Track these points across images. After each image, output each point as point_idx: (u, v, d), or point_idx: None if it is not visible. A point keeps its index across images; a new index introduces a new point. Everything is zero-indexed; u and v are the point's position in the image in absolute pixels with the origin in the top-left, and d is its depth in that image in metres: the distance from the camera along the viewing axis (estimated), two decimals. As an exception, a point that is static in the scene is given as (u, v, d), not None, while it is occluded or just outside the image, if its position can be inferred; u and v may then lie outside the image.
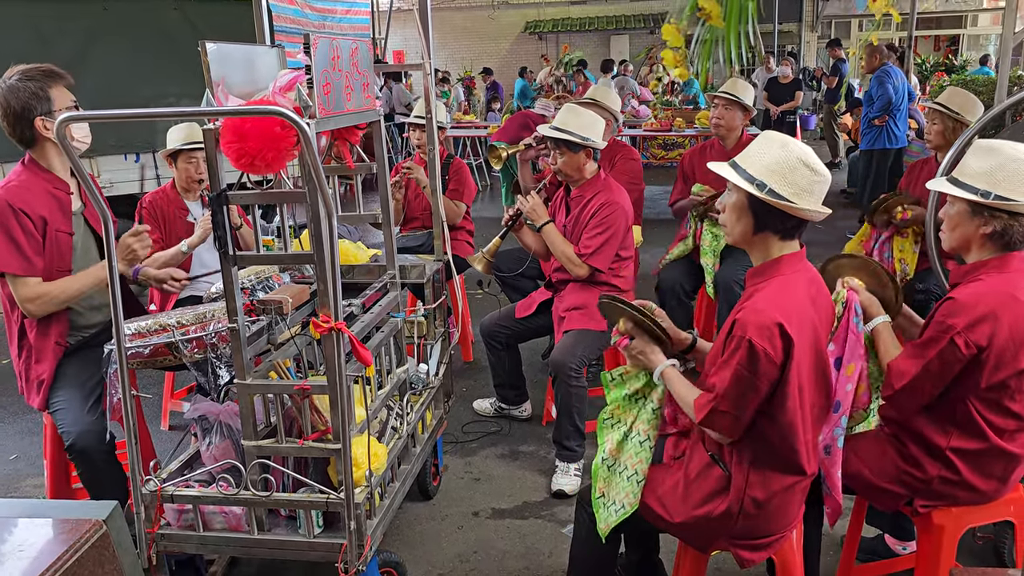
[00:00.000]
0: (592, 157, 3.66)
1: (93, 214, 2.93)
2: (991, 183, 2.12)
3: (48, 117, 2.70)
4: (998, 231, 2.15)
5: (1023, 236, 2.15)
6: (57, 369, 2.86)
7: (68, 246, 2.83)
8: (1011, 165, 2.11)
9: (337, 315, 2.20)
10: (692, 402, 2.15)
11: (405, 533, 3.23)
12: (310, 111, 2.16)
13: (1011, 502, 2.34)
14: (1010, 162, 2.11)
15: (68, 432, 2.74)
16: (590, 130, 3.60)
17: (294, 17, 9.95)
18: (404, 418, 2.86)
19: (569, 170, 3.66)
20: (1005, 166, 2.11)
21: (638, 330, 2.35)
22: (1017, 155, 2.12)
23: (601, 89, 4.91)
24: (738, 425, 2.06)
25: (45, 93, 2.69)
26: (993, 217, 2.14)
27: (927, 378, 2.18)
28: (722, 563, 2.90)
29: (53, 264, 2.78)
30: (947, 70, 15.97)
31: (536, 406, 4.28)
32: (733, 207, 2.13)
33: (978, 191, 2.14)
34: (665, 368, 2.28)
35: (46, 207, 2.75)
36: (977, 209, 2.17)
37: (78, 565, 1.14)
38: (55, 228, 2.77)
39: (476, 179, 11.05)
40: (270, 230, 3.75)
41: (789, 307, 2.00)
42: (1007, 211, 2.12)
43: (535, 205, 3.71)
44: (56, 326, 2.85)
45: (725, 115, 4.37)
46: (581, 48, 21.74)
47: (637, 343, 2.33)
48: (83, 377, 2.85)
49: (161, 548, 2.45)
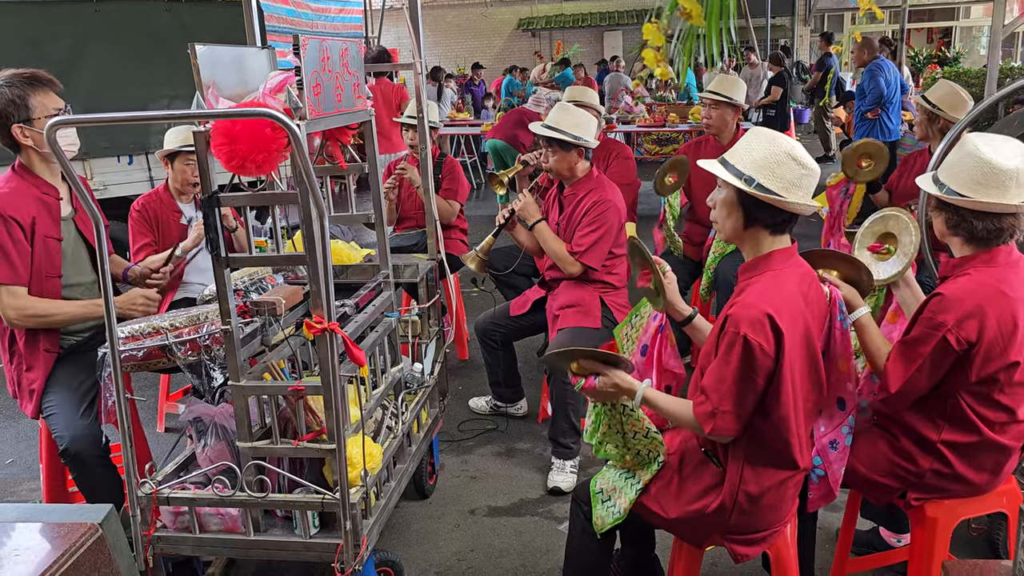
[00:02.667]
0: (584, 156, 3.67)
1: (84, 219, 2.93)
2: (948, 177, 2.18)
3: (26, 124, 2.69)
4: (951, 225, 2.19)
5: (987, 231, 2.15)
6: (50, 374, 2.86)
7: (57, 252, 2.82)
8: (966, 161, 2.14)
9: (330, 316, 2.20)
10: (690, 414, 2.11)
11: (402, 532, 3.24)
12: (300, 112, 2.16)
13: (1003, 494, 2.35)
14: (966, 157, 2.14)
15: (61, 436, 2.74)
16: (582, 129, 3.60)
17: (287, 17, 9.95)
18: (399, 417, 2.86)
19: (561, 169, 3.67)
20: (961, 161, 2.16)
21: (595, 363, 2.21)
22: (975, 151, 2.12)
23: (576, 89, 4.93)
24: (740, 423, 2.06)
25: (23, 100, 2.68)
26: (942, 210, 2.21)
27: (920, 377, 2.18)
28: (717, 558, 2.92)
29: (42, 270, 2.78)
30: (940, 62, 15.99)
31: (532, 404, 4.29)
32: (723, 203, 2.14)
33: (943, 186, 2.19)
34: (645, 391, 2.18)
35: (35, 213, 2.74)
36: (940, 204, 2.23)
37: (74, 569, 1.14)
38: (44, 234, 2.76)
39: (470, 178, 11.09)
40: (263, 231, 3.75)
41: (779, 301, 2.01)
42: (955, 205, 2.15)
43: (527, 204, 3.71)
44: (45, 334, 2.85)
45: (714, 114, 4.40)
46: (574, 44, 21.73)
47: (604, 379, 2.18)
48: (76, 381, 2.85)
49: (157, 550, 2.45)
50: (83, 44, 5.89)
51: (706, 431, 2.08)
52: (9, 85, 2.67)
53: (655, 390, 2.24)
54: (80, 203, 2.94)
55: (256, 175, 2.21)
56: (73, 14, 5.85)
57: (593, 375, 2.20)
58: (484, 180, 12.28)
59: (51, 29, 5.75)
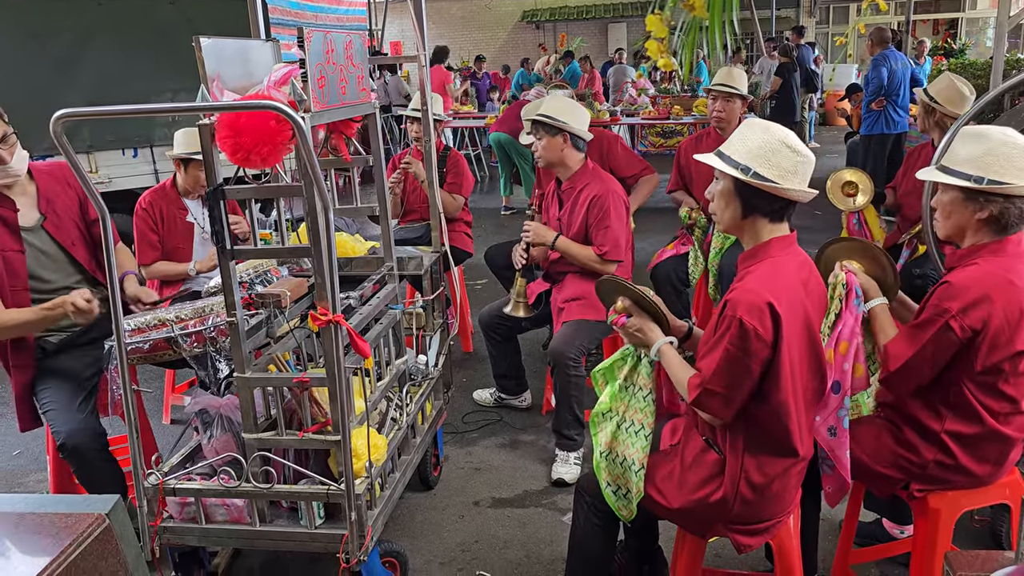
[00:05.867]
0: (575, 146, 3.67)
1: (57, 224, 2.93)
2: (981, 168, 2.13)
3: None
4: (995, 215, 2.16)
5: (1019, 216, 2.16)
6: (43, 369, 2.88)
7: (20, 263, 2.83)
8: (1001, 150, 2.12)
9: (335, 308, 2.21)
10: (686, 381, 2.17)
11: (406, 523, 3.25)
12: (305, 105, 2.16)
13: (1007, 485, 2.35)
14: (1000, 147, 2.13)
15: (59, 432, 2.75)
16: (568, 116, 3.62)
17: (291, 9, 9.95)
18: (404, 409, 2.87)
19: (549, 155, 3.68)
20: (995, 150, 2.13)
21: (636, 308, 2.36)
22: (1006, 139, 2.14)
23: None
24: (729, 407, 2.08)
25: None
26: (989, 202, 2.15)
27: (922, 360, 2.19)
28: (720, 549, 2.93)
29: (4, 284, 2.79)
30: (946, 54, 15.91)
31: (536, 396, 4.29)
32: (721, 194, 2.16)
33: (971, 177, 2.14)
34: (663, 345, 2.29)
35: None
36: (971, 195, 2.18)
37: (81, 558, 1.15)
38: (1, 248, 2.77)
39: (474, 171, 11.08)
40: (268, 224, 3.76)
41: (779, 287, 2.02)
42: (1002, 195, 2.13)
43: (536, 229, 3.73)
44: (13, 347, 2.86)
45: (727, 107, 4.37)
46: (578, 37, 21.68)
47: (635, 320, 2.33)
48: (70, 376, 2.86)
49: (164, 541, 2.47)
50: (87, 38, 5.89)
51: (689, 399, 2.14)
52: None
53: (672, 348, 2.29)
54: (48, 209, 2.94)
55: (261, 168, 2.22)
56: (77, 8, 5.86)
57: (628, 315, 2.35)
58: (488, 173, 12.29)
59: (55, 23, 5.76)
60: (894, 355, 2.24)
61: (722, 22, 6.22)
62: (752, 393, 2.06)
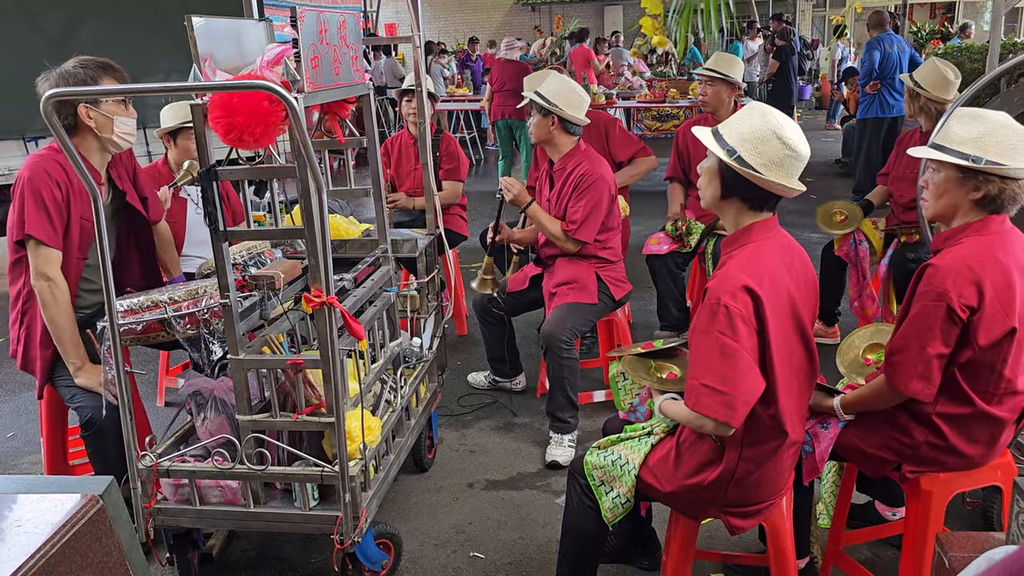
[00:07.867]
0: (565, 129, 3.66)
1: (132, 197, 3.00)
2: (980, 148, 2.12)
3: (92, 106, 2.72)
4: (991, 195, 2.15)
5: (1012, 198, 2.16)
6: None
7: (89, 234, 2.83)
8: (1000, 131, 2.12)
9: (329, 289, 2.21)
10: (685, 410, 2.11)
11: (401, 505, 3.26)
12: (298, 85, 2.15)
13: (998, 467, 2.36)
14: (999, 128, 2.12)
15: (84, 408, 2.73)
16: (563, 100, 3.62)
17: (284, -11, 9.86)
18: (398, 391, 2.87)
19: (539, 133, 3.70)
20: (995, 132, 2.12)
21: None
22: (1005, 122, 2.13)
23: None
24: (731, 408, 1.98)
25: (95, 82, 2.70)
26: (987, 182, 2.15)
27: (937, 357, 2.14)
28: (714, 531, 2.94)
29: (73, 248, 2.80)
30: (943, 38, 15.88)
31: (530, 379, 4.30)
32: (706, 170, 2.16)
33: (968, 156, 2.14)
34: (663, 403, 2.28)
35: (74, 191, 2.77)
36: (968, 175, 2.16)
37: (75, 539, 1.15)
38: (79, 215, 2.79)
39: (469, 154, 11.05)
40: (261, 205, 3.75)
41: (760, 271, 2.01)
42: (999, 175, 2.13)
43: (509, 185, 3.72)
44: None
45: (709, 91, 4.39)
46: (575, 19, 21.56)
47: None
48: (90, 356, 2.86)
49: (158, 522, 2.47)
50: (80, 17, 5.85)
51: (688, 404, 2.06)
52: (84, 67, 2.71)
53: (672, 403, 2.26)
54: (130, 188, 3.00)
55: (254, 148, 2.21)
56: None
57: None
58: (483, 156, 12.25)
59: (48, 2, 5.71)
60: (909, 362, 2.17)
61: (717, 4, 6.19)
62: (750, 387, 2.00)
